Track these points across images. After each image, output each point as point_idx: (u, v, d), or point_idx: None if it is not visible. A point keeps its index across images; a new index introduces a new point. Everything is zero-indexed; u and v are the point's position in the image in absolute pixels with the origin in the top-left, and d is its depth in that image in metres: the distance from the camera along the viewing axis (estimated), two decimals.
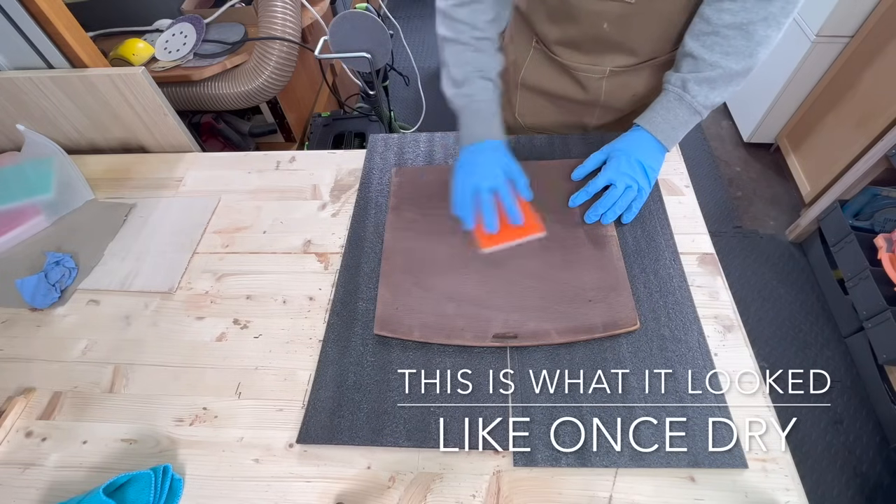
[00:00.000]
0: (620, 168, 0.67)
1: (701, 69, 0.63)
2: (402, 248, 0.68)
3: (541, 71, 0.80)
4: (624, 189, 0.66)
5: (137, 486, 0.50)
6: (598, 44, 0.70)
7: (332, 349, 0.60)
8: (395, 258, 0.67)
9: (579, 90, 0.78)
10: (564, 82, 0.79)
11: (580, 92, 0.78)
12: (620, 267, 0.63)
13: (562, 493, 0.49)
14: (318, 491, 0.51)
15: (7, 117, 0.86)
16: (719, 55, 0.61)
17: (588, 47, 0.72)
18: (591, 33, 0.68)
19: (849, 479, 1.23)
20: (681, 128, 0.67)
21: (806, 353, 1.45)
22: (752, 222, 1.78)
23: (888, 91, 1.40)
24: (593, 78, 0.75)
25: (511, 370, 0.57)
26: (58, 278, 0.69)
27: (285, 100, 1.42)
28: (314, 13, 1.32)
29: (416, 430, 0.53)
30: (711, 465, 0.50)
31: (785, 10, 0.58)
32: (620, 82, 0.75)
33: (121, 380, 0.60)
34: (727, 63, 0.61)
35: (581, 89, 0.78)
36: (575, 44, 0.72)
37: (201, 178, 0.84)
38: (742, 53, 0.60)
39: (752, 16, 0.58)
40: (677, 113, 0.66)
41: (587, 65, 0.74)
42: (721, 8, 0.59)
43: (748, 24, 0.58)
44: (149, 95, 0.82)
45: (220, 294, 0.68)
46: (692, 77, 0.63)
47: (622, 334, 0.58)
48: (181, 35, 1.21)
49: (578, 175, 0.72)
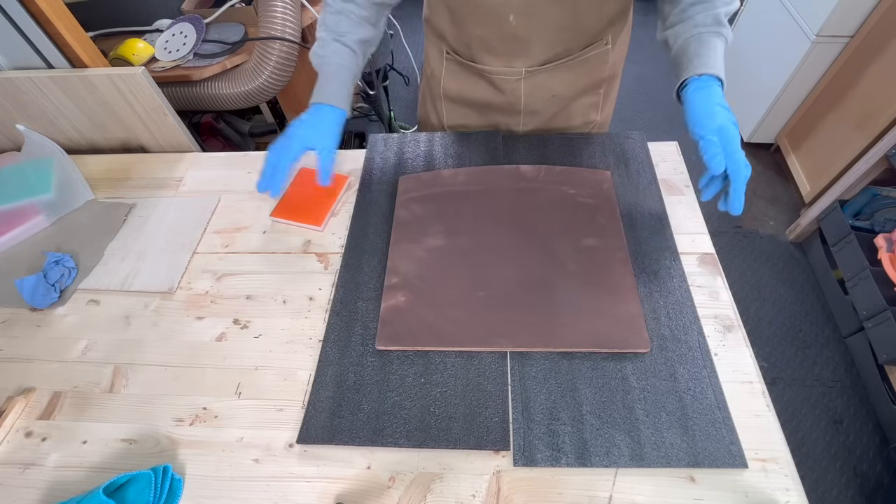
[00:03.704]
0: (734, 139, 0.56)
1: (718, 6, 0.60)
2: (407, 263, 0.67)
3: (459, 80, 0.81)
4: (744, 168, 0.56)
5: (137, 486, 0.50)
6: (508, 41, 0.70)
7: (332, 349, 0.60)
8: (400, 273, 0.65)
9: (499, 95, 0.78)
10: (483, 88, 0.79)
11: (501, 97, 0.79)
12: (632, 285, 0.62)
13: (562, 493, 0.49)
14: (318, 491, 0.51)
15: (7, 117, 0.86)
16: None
17: (498, 47, 0.72)
18: (499, 29, 0.69)
19: (849, 479, 1.23)
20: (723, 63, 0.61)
21: (806, 353, 1.45)
22: (752, 222, 1.78)
23: (888, 91, 1.40)
24: (510, 80, 0.75)
25: (511, 370, 0.57)
26: (57, 278, 0.69)
27: (285, 100, 1.42)
28: (314, 13, 1.32)
29: (416, 430, 0.53)
30: (711, 465, 0.50)
31: None
32: (537, 84, 0.76)
33: (121, 380, 0.60)
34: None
35: (500, 94, 0.78)
36: (485, 45, 0.72)
37: (201, 178, 0.84)
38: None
39: None
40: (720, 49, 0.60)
41: (501, 66, 0.74)
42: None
43: None
44: (149, 95, 0.82)
45: (220, 294, 0.68)
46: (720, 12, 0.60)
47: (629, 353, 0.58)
48: (181, 35, 1.21)
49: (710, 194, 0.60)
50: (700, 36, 0.61)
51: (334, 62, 0.68)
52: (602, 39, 0.73)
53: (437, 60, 0.82)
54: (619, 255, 0.65)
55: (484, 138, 0.83)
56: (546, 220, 0.70)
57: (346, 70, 0.69)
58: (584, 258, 0.65)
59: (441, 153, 0.82)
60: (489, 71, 0.75)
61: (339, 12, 0.68)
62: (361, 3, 0.69)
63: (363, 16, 0.69)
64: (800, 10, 1.61)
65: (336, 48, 0.68)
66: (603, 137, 0.81)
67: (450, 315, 0.61)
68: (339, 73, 0.68)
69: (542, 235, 0.68)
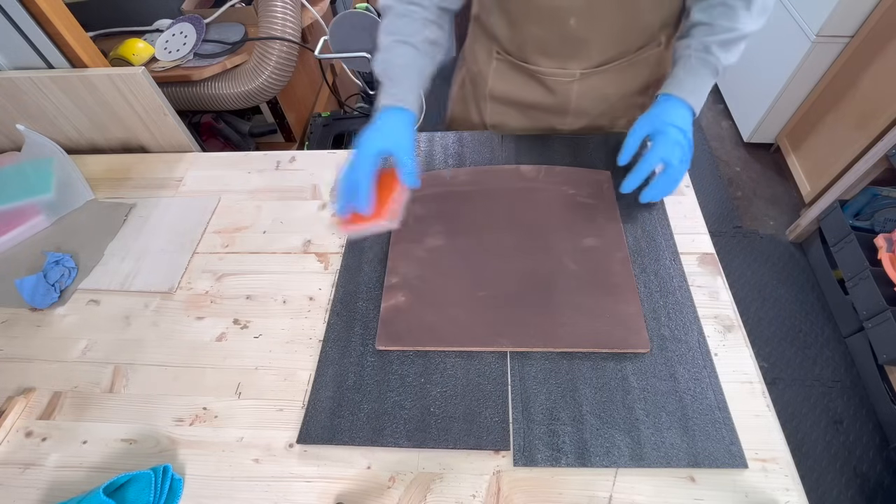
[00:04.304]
0: (672, 142, 0.62)
1: (717, 32, 0.62)
2: (407, 263, 0.67)
3: (507, 80, 0.79)
4: (678, 165, 0.63)
5: (137, 486, 0.50)
6: (566, 44, 0.69)
7: (332, 349, 0.60)
8: (400, 273, 0.65)
9: (549, 96, 0.77)
10: (534, 90, 0.77)
11: (550, 98, 0.77)
12: (632, 285, 0.62)
13: (562, 493, 0.49)
14: (318, 491, 0.51)
15: (7, 117, 0.86)
16: (730, 20, 0.61)
17: (555, 49, 0.71)
18: (558, 32, 0.67)
19: (849, 479, 1.23)
20: (705, 91, 0.65)
21: (806, 353, 1.45)
22: (752, 222, 1.78)
23: (888, 91, 1.40)
24: (563, 82, 0.74)
25: (511, 370, 0.57)
26: (57, 278, 0.69)
27: (285, 100, 1.42)
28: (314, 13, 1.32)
29: (416, 430, 0.53)
30: (711, 465, 0.50)
31: None
32: (591, 85, 0.75)
33: (121, 380, 0.60)
34: (739, 26, 0.61)
35: (551, 95, 0.77)
36: (541, 47, 0.71)
37: (201, 178, 0.84)
38: (748, 18, 0.61)
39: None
40: (703, 76, 0.64)
41: (556, 68, 0.73)
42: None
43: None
44: (149, 95, 0.82)
45: (220, 294, 0.68)
46: (713, 40, 0.63)
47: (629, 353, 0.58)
48: (181, 35, 1.21)
49: (625, 159, 0.67)
50: (688, 59, 0.65)
51: (399, 63, 0.64)
52: (655, 40, 0.72)
53: (485, 60, 0.79)
54: (619, 255, 0.65)
55: (484, 138, 0.83)
56: (546, 220, 0.70)
57: (413, 70, 0.65)
58: (584, 258, 0.65)
59: (441, 153, 0.82)
60: (542, 72, 0.74)
61: (402, 15, 0.64)
62: (426, 6, 0.65)
63: (429, 18, 0.65)
64: (800, 10, 1.61)
65: (401, 50, 0.64)
66: (603, 137, 0.81)
67: (450, 315, 0.61)
68: (405, 73, 0.64)
69: (542, 235, 0.68)
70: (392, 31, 0.65)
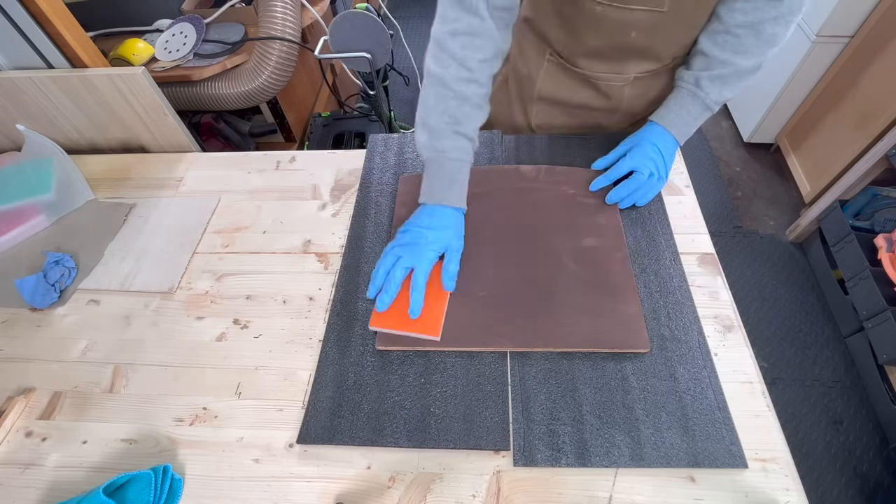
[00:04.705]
0: (644, 155, 0.68)
1: (713, 67, 0.64)
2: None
3: (558, 82, 0.78)
4: (648, 176, 0.68)
5: (137, 486, 0.50)
6: (624, 52, 0.69)
7: (332, 349, 0.60)
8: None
9: (601, 98, 0.77)
10: (585, 92, 0.77)
11: (602, 100, 0.77)
12: (632, 285, 0.62)
13: (562, 493, 0.49)
14: (318, 491, 0.51)
15: (7, 117, 0.86)
16: (730, 53, 0.62)
17: (612, 56, 0.70)
18: (618, 42, 0.67)
19: (849, 479, 1.23)
20: (693, 123, 0.68)
21: (806, 353, 1.45)
22: (752, 222, 1.78)
23: (888, 91, 1.40)
24: (616, 86, 0.74)
25: (511, 370, 0.57)
26: (57, 278, 0.69)
27: (285, 100, 1.42)
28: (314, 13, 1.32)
29: (416, 430, 0.53)
30: (711, 465, 0.50)
31: (793, 10, 0.59)
32: (643, 87, 0.75)
33: (121, 380, 0.60)
34: (738, 60, 0.62)
35: (603, 97, 0.77)
36: (598, 53, 0.70)
37: (201, 178, 0.84)
38: (752, 51, 0.62)
39: (763, 15, 0.59)
40: (690, 109, 0.67)
41: (610, 73, 0.72)
42: (733, 7, 0.61)
43: (759, 24, 0.60)
44: (149, 95, 0.82)
45: (220, 294, 0.68)
46: (705, 74, 0.65)
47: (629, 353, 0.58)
48: (181, 35, 1.21)
49: (601, 164, 0.73)
50: (679, 90, 0.68)
51: (455, 157, 0.62)
52: None
53: (536, 62, 0.78)
54: (619, 255, 0.65)
55: (484, 138, 0.83)
56: (546, 220, 0.70)
57: (469, 166, 0.64)
58: (584, 258, 0.65)
59: None
60: (596, 77, 0.73)
61: (462, 99, 0.60)
62: (483, 82, 0.61)
63: (483, 95, 0.62)
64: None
65: (457, 143, 0.62)
66: (603, 137, 0.81)
67: (450, 315, 0.61)
68: (462, 170, 0.63)
69: (542, 235, 0.68)
70: (446, 112, 0.61)
